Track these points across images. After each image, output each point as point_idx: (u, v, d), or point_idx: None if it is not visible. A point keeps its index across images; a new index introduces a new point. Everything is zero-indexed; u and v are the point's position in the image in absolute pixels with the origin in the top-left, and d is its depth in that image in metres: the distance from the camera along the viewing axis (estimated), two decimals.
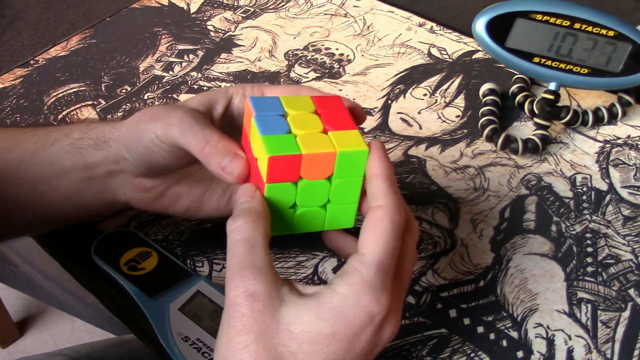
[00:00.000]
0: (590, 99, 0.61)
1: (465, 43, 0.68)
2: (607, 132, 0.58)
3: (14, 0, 0.80)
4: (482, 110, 0.59)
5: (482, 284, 0.47)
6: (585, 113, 0.58)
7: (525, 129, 0.59)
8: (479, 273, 0.48)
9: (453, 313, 0.45)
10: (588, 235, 0.50)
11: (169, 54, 0.68)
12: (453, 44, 0.68)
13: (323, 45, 0.69)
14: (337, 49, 0.68)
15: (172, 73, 0.66)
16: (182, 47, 0.69)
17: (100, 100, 0.63)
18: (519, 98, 0.60)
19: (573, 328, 0.44)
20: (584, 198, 0.53)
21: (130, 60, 0.68)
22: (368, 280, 0.32)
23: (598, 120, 0.58)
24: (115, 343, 0.67)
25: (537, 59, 0.54)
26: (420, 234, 0.50)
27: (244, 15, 0.73)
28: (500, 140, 0.56)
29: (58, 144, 0.44)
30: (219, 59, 0.67)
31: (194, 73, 0.66)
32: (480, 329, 0.45)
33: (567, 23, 0.53)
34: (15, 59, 0.69)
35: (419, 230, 0.37)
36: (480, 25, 0.54)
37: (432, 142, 0.58)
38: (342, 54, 0.67)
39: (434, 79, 0.64)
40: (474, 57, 0.66)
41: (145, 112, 0.41)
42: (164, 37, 0.71)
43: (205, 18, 0.73)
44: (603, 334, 0.44)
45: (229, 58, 0.67)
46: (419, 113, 0.61)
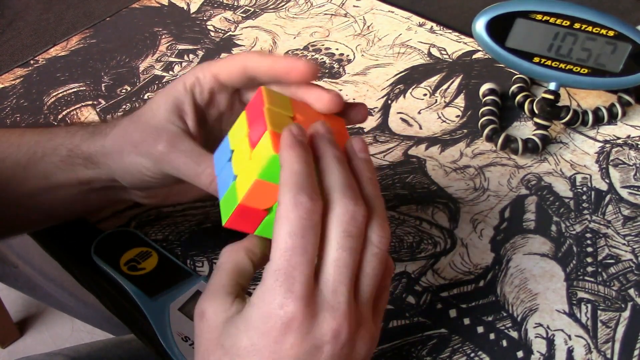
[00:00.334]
0: (590, 99, 0.61)
1: (465, 43, 0.68)
2: (607, 132, 0.58)
3: (14, 0, 0.80)
4: (482, 110, 0.59)
5: (482, 284, 0.47)
6: (585, 113, 0.58)
7: (525, 129, 0.59)
8: (479, 273, 0.48)
9: (453, 313, 0.45)
10: (588, 235, 0.50)
11: (169, 54, 0.68)
12: (453, 44, 0.68)
13: (323, 45, 0.69)
14: (337, 49, 0.68)
15: (172, 73, 0.66)
16: (182, 47, 0.69)
17: (100, 100, 0.63)
18: (519, 98, 0.60)
19: (573, 328, 0.44)
20: (584, 198, 0.53)
21: (130, 60, 0.68)
22: (269, 288, 0.31)
23: (598, 120, 0.58)
24: (115, 343, 0.67)
25: (537, 59, 0.54)
26: (420, 234, 0.50)
27: (244, 15, 0.73)
28: (500, 140, 0.56)
29: (48, 159, 0.44)
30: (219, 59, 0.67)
31: None
32: (480, 329, 0.45)
33: (567, 23, 0.53)
34: (15, 59, 0.69)
35: (351, 210, 0.32)
36: (480, 25, 0.54)
37: (432, 142, 0.58)
38: (342, 54, 0.67)
39: (434, 79, 0.64)
40: (474, 57, 0.66)
41: (124, 139, 0.41)
42: (164, 37, 0.71)
43: (205, 18, 0.73)
44: (603, 334, 0.44)
45: None
46: (419, 113, 0.61)
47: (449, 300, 0.46)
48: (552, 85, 0.55)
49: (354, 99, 0.62)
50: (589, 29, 0.53)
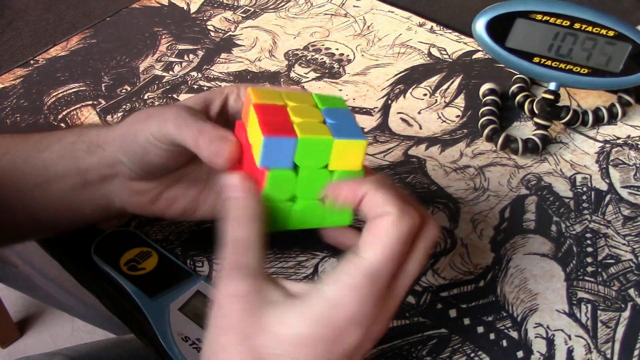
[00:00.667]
0: (590, 99, 0.61)
1: (465, 43, 0.68)
2: (607, 132, 0.58)
3: (14, 0, 0.80)
4: (482, 110, 0.59)
5: (482, 284, 0.47)
6: (585, 113, 0.58)
7: (525, 129, 0.59)
8: (479, 273, 0.48)
9: (453, 313, 0.45)
10: (588, 235, 0.50)
11: (169, 54, 0.68)
12: (453, 44, 0.68)
13: (323, 45, 0.69)
14: (337, 49, 0.68)
15: (172, 73, 0.66)
16: (182, 47, 0.69)
17: (100, 100, 0.63)
18: (519, 98, 0.60)
19: (573, 328, 0.44)
20: (584, 198, 0.53)
21: (130, 60, 0.68)
22: (358, 287, 0.31)
23: (598, 120, 0.58)
24: (115, 343, 0.67)
25: (537, 59, 0.54)
26: None
27: (244, 15, 0.73)
28: (500, 140, 0.56)
29: (51, 149, 0.44)
30: (219, 59, 0.67)
31: (194, 73, 0.66)
32: (480, 329, 0.45)
33: (567, 23, 0.53)
34: (15, 59, 0.69)
35: (438, 231, 0.35)
36: (480, 25, 0.54)
37: (432, 142, 0.58)
38: (342, 54, 0.67)
39: (434, 79, 0.64)
40: (474, 57, 0.66)
41: (140, 112, 0.42)
42: (164, 37, 0.71)
43: (205, 18, 0.73)
44: (603, 334, 0.44)
45: (229, 58, 0.67)
46: (419, 113, 0.61)
47: (449, 300, 0.46)
48: (552, 85, 0.55)
49: (354, 99, 0.62)
50: (589, 29, 0.53)
